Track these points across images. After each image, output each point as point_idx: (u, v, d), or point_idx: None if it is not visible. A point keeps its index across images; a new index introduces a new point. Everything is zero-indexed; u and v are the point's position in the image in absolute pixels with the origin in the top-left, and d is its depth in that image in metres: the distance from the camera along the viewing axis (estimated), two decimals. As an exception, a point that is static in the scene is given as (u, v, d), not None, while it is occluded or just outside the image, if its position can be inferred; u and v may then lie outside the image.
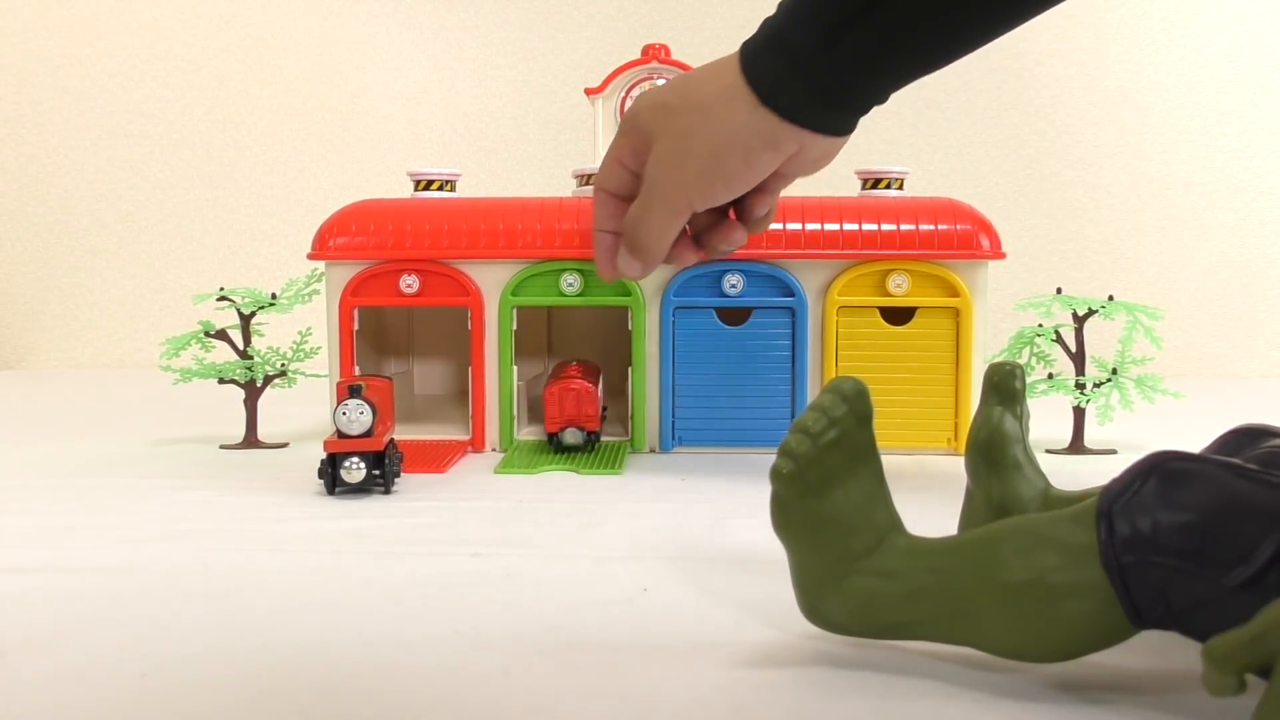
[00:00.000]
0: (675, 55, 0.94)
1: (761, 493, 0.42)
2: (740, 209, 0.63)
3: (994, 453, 0.48)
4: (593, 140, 0.93)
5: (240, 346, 0.92)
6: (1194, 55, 1.60)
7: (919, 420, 0.87)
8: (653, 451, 0.90)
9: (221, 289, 0.93)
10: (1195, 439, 0.47)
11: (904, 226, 0.87)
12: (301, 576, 0.54)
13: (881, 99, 0.55)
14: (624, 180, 0.61)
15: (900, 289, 0.87)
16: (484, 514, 0.67)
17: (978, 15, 0.51)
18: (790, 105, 0.53)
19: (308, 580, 0.53)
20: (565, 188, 0.99)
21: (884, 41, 0.51)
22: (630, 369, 0.89)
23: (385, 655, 0.43)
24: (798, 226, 0.88)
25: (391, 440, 0.76)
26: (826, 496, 0.41)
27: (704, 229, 0.63)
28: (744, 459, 0.86)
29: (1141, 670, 0.40)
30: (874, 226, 0.87)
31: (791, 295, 0.87)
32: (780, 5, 0.54)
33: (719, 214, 0.63)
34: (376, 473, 0.72)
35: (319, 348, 0.93)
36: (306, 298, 0.93)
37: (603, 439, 0.90)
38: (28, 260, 1.73)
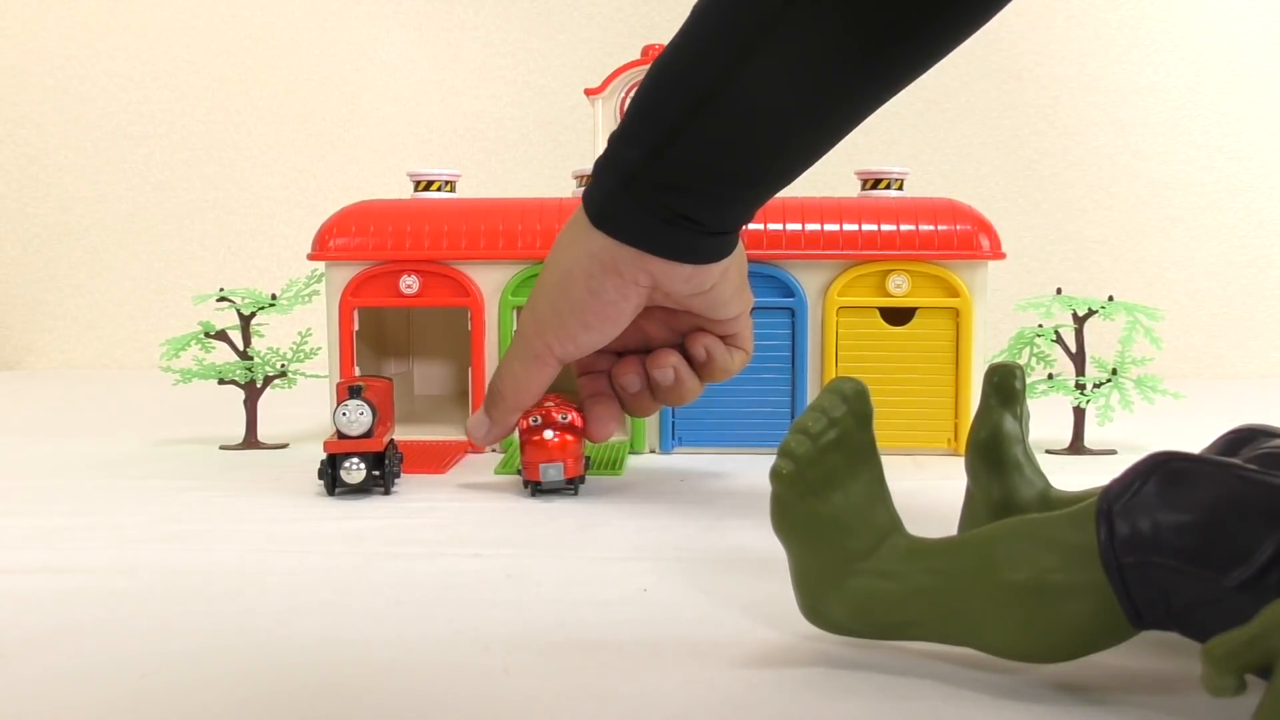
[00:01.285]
0: (675, 56, 0.93)
1: (761, 493, 0.42)
2: (688, 355, 0.59)
3: (994, 453, 0.48)
4: (593, 141, 0.93)
5: (240, 347, 0.92)
6: (1194, 56, 1.60)
7: (919, 420, 0.87)
8: (653, 452, 0.90)
9: (221, 290, 0.93)
10: (1195, 439, 0.47)
11: (904, 227, 0.87)
12: (301, 577, 0.54)
13: (730, 218, 0.52)
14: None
15: (900, 289, 0.87)
16: (484, 514, 0.67)
17: (790, 132, 0.49)
18: (621, 225, 0.51)
19: (308, 580, 0.53)
20: (565, 188, 0.99)
21: (707, 153, 0.48)
22: (630, 369, 0.89)
23: (385, 655, 0.43)
24: (798, 227, 0.88)
25: (391, 441, 0.76)
26: (826, 497, 0.41)
27: (586, 397, 0.61)
28: (744, 459, 0.86)
29: (1141, 670, 0.40)
30: (874, 227, 0.87)
31: (791, 295, 0.87)
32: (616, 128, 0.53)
33: (599, 382, 0.61)
34: (376, 473, 0.72)
35: (319, 348, 0.93)
36: (306, 298, 0.93)
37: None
38: (28, 260, 1.73)
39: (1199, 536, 0.34)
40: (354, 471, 0.71)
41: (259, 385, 0.92)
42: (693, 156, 0.49)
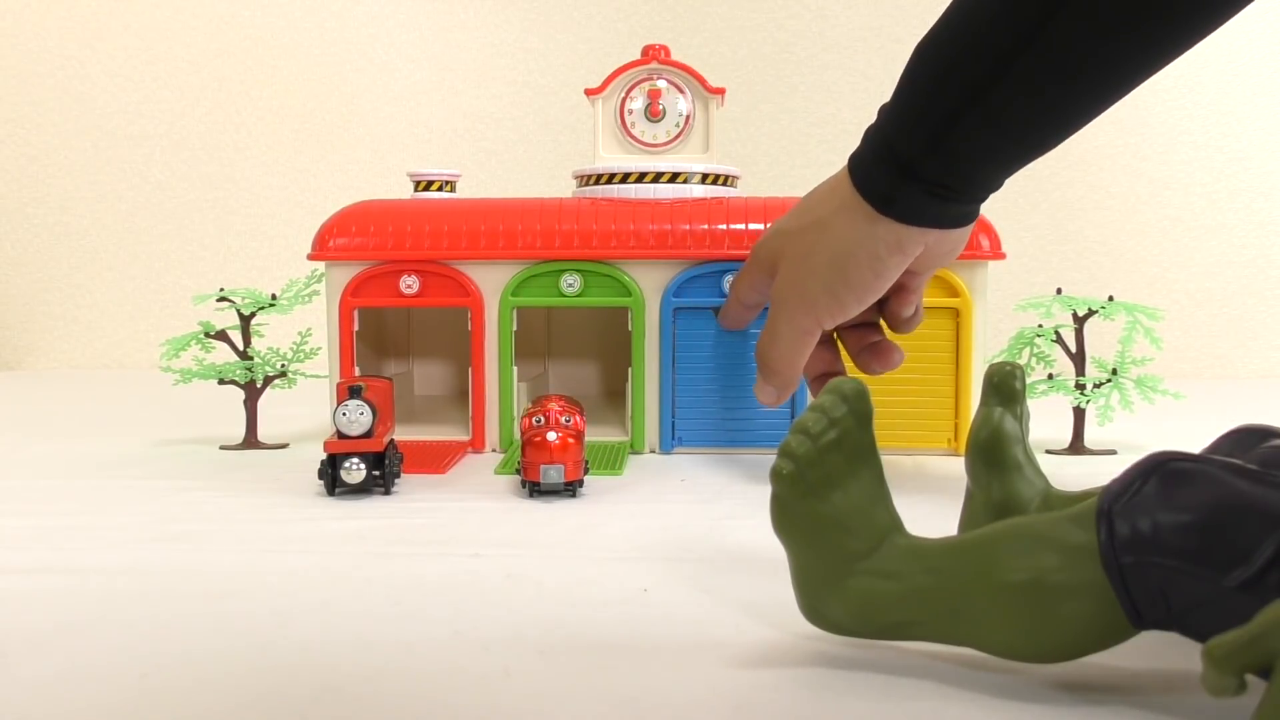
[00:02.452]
0: (675, 55, 0.94)
1: (761, 493, 0.42)
2: (886, 314, 0.63)
3: (994, 453, 0.48)
4: (593, 141, 0.93)
5: (240, 347, 0.92)
6: (1194, 56, 1.60)
7: (919, 420, 0.87)
8: (653, 452, 0.90)
9: (221, 290, 0.93)
10: (1195, 439, 0.47)
11: (904, 227, 0.87)
12: (301, 577, 0.54)
13: (998, 185, 0.55)
14: (760, 302, 0.63)
15: (900, 289, 0.87)
16: (484, 514, 0.67)
17: (1076, 97, 0.51)
18: (907, 210, 0.54)
19: (307, 580, 0.53)
20: (565, 188, 0.99)
21: (988, 136, 0.51)
22: (630, 369, 0.89)
23: (385, 656, 0.43)
24: (798, 227, 0.88)
25: (391, 441, 0.76)
26: (826, 497, 0.41)
27: (857, 351, 0.64)
28: (744, 459, 0.86)
29: (1141, 670, 0.40)
30: (874, 227, 0.87)
31: (791, 295, 0.87)
32: (881, 114, 0.55)
33: (866, 332, 0.64)
34: (376, 473, 0.72)
35: (319, 348, 0.93)
36: (306, 298, 0.93)
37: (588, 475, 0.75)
38: (28, 260, 1.73)
39: (1199, 536, 0.34)
40: (354, 471, 0.71)
41: (259, 385, 0.92)
42: (971, 142, 0.52)
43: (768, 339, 0.59)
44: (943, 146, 0.51)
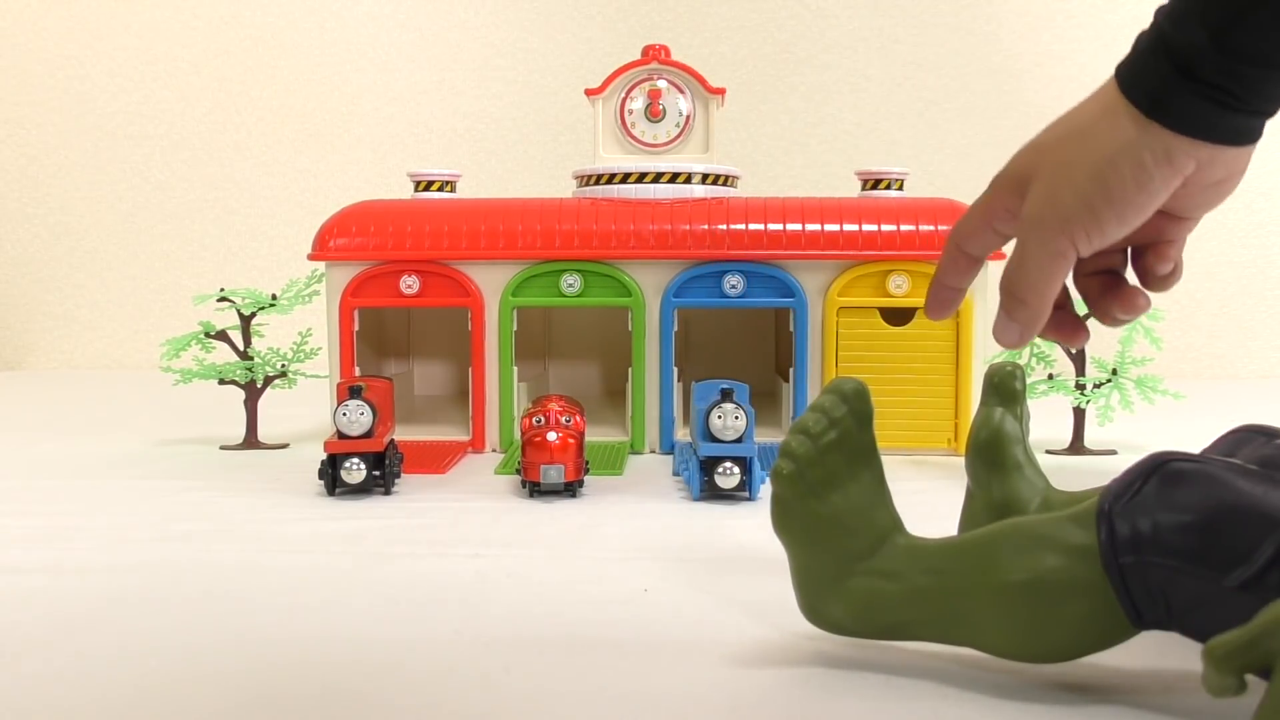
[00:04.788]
0: (675, 55, 0.94)
1: (761, 493, 0.42)
2: (1140, 267, 0.57)
3: (994, 453, 0.48)
4: (593, 141, 0.93)
5: (240, 347, 0.92)
6: (1194, 56, 1.60)
7: (919, 420, 0.87)
8: (653, 452, 0.90)
9: (222, 290, 0.93)
10: (1195, 439, 0.47)
11: (904, 227, 0.87)
12: (301, 576, 0.54)
13: (1275, 103, 0.49)
14: (991, 244, 0.57)
15: (900, 289, 0.87)
16: (484, 514, 0.67)
17: None
18: (1181, 115, 0.49)
19: (308, 580, 0.53)
20: (565, 188, 0.99)
21: (1273, 38, 0.46)
22: (630, 369, 0.89)
23: (385, 655, 0.43)
24: (798, 227, 0.88)
25: (392, 441, 0.76)
26: (827, 497, 0.41)
27: (1097, 297, 0.59)
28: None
29: (1141, 670, 0.40)
30: (874, 227, 0.87)
31: (791, 295, 0.87)
32: (1157, 13, 0.50)
33: (1111, 280, 0.59)
34: (376, 473, 0.72)
35: (319, 349, 0.93)
36: (307, 299, 0.93)
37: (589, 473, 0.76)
38: (28, 260, 1.73)
39: (1199, 537, 0.34)
40: (354, 471, 0.71)
41: (259, 385, 0.92)
42: (1263, 35, 0.46)
43: (1015, 264, 0.53)
44: (1228, 43, 0.47)
